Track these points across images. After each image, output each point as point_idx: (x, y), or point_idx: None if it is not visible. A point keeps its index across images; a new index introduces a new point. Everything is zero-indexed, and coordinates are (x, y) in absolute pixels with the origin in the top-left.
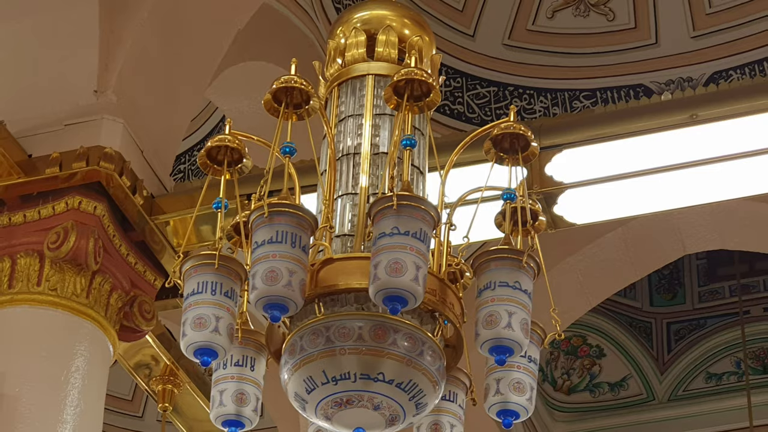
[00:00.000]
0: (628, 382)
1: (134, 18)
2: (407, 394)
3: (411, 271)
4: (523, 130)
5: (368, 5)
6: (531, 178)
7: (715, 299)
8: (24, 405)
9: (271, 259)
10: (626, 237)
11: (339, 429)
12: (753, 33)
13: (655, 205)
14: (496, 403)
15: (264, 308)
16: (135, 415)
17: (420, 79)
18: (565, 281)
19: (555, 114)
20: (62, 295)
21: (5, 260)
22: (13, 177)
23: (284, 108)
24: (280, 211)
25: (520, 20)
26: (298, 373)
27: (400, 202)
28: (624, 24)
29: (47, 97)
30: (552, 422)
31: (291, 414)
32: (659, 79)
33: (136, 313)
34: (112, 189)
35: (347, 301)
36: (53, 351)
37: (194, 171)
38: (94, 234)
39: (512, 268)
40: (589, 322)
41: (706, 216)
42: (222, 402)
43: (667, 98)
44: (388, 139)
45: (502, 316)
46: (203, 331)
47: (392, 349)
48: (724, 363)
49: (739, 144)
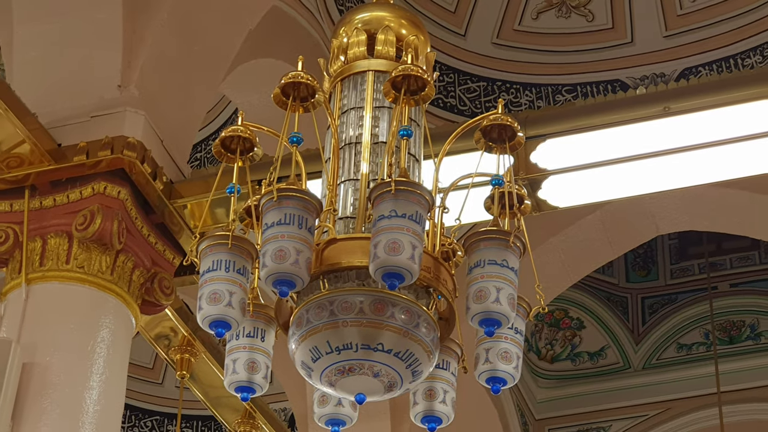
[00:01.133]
0: (606, 351)
1: (154, 19)
2: (404, 363)
3: (408, 250)
4: (510, 121)
5: (368, 7)
6: (517, 166)
7: (686, 276)
8: (54, 373)
9: (279, 239)
10: (604, 219)
11: (342, 395)
12: (720, 33)
13: (630, 189)
14: (485, 371)
15: (273, 284)
16: (155, 382)
17: (416, 75)
18: (548, 260)
19: (539, 107)
20: (89, 273)
21: (37, 240)
22: (44, 164)
23: (292, 101)
24: (288, 196)
25: (508, 21)
26: (305, 344)
27: (397, 187)
28: (602, 24)
29: (75, 91)
30: (536, 388)
31: (298, 381)
32: (634, 75)
33: (156, 288)
34: (135, 175)
35: (349, 277)
36: (81, 323)
37: (209, 159)
38: (118, 216)
39: (500, 247)
40: (570, 297)
41: (677, 200)
42: (235, 370)
43: (641, 92)
44: (387, 130)
45: (491, 292)
46: (218, 305)
47: (390, 321)
48: (693, 334)
49: (707, 134)
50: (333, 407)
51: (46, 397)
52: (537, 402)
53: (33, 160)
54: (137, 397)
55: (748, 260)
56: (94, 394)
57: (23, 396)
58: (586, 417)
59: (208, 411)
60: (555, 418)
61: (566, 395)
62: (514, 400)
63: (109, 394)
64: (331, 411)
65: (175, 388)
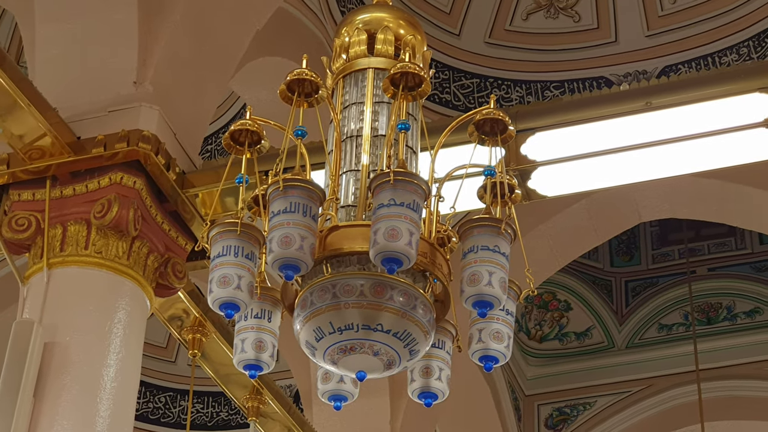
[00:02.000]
0: (592, 331)
1: (168, 20)
2: (402, 342)
3: (405, 236)
4: (502, 116)
5: (369, 8)
6: (508, 157)
7: (666, 261)
8: (74, 352)
9: (285, 226)
10: (590, 207)
11: (344, 372)
12: (699, 32)
13: (614, 179)
14: (478, 350)
15: (279, 268)
16: (169, 360)
17: (413, 72)
18: (537, 245)
19: (529, 102)
20: (106, 258)
21: (57, 227)
22: (64, 156)
23: (297, 97)
24: (293, 185)
25: (499, 21)
26: (309, 324)
27: (396, 177)
28: (588, 25)
29: (93, 87)
30: (526, 366)
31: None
32: (618, 72)
33: (169, 272)
34: (149, 166)
35: (351, 262)
36: (99, 305)
37: (219, 151)
38: (133, 205)
39: (492, 234)
40: (558, 281)
41: (658, 189)
42: (243, 349)
43: (625, 89)
44: (386, 124)
45: (484, 275)
46: (227, 288)
47: (389, 303)
48: (673, 315)
49: (687, 128)
50: (335, 384)
51: (67, 374)
52: (527, 379)
53: (54, 152)
54: (152, 374)
55: (725, 246)
56: (111, 372)
57: (45, 373)
58: (573, 393)
59: (219, 387)
60: (544, 394)
61: (554, 373)
62: (505, 378)
63: (126, 372)
64: (334, 387)
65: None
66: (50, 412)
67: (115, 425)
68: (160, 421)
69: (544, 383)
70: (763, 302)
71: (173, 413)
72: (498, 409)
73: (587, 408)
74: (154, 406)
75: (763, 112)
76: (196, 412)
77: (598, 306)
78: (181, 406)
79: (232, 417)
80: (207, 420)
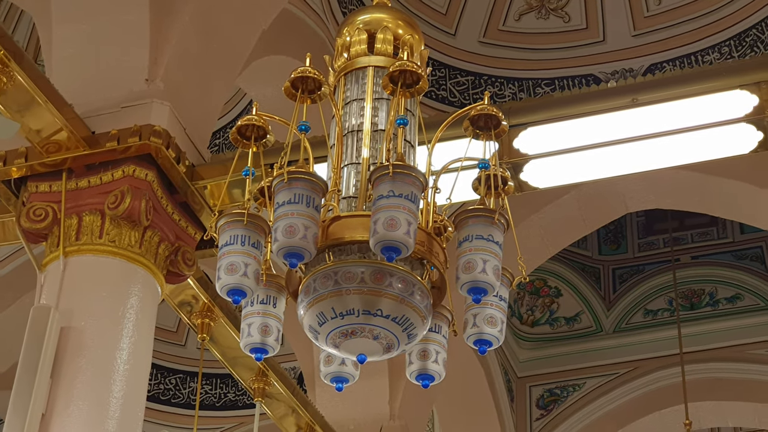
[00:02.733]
0: (581, 316)
1: (178, 21)
2: (401, 327)
3: (404, 226)
4: (495, 111)
5: (369, 10)
6: (501, 151)
7: (652, 249)
8: (88, 336)
9: (290, 216)
10: (579, 198)
11: (345, 355)
12: (682, 32)
13: (602, 172)
14: (473, 334)
15: (284, 257)
16: (179, 344)
17: (411, 70)
18: (529, 234)
19: (521, 98)
20: (119, 246)
21: (73, 217)
22: (79, 150)
23: (300, 93)
24: (297, 178)
25: (493, 22)
26: (312, 310)
27: (395, 170)
28: (577, 25)
29: (107, 84)
30: (519, 349)
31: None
32: (606, 70)
33: (179, 260)
34: (160, 159)
35: (352, 250)
36: (112, 291)
37: (227, 145)
38: (145, 196)
39: (486, 223)
40: (548, 268)
41: (644, 181)
42: (250, 333)
43: (612, 86)
44: (385, 119)
45: (478, 263)
46: (234, 275)
47: (389, 289)
48: (658, 301)
49: (671, 123)
50: (337, 366)
51: (82, 357)
52: (519, 362)
53: (70, 146)
54: (163, 357)
55: (708, 235)
56: (124, 355)
57: (61, 356)
58: (563, 375)
59: (226, 370)
60: (535, 375)
61: (545, 356)
62: (498, 360)
63: (138, 355)
64: (336, 369)
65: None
66: (66, 392)
67: (128, 405)
68: (171, 402)
69: (535, 366)
70: (743, 289)
71: (183, 394)
72: (492, 390)
73: (576, 389)
74: (165, 387)
75: (744, 108)
76: (204, 393)
77: (586, 292)
78: (191, 388)
79: (239, 398)
80: (215, 400)
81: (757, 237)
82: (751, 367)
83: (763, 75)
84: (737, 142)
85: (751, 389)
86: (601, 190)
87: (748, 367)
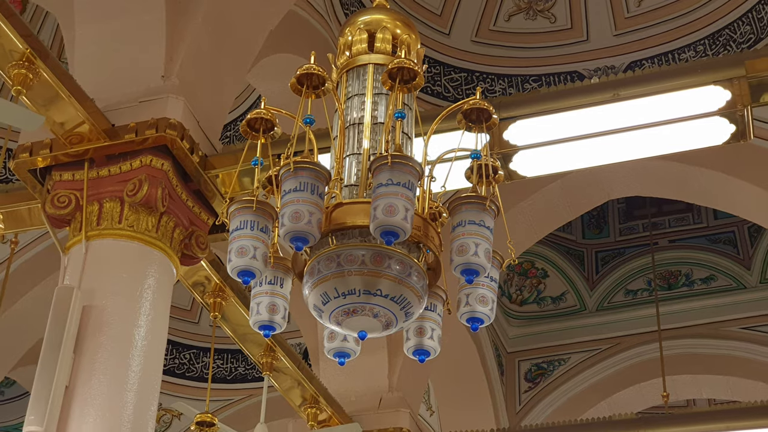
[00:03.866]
0: (566, 296)
1: (192, 21)
2: (399, 306)
3: (401, 212)
4: (486, 105)
5: (369, 11)
6: (492, 142)
7: (632, 234)
8: (109, 313)
9: (295, 203)
10: (564, 186)
11: (347, 332)
12: (661, 32)
13: (586, 162)
14: (465, 312)
15: (290, 240)
16: (192, 321)
17: (408, 67)
18: (518, 220)
19: (511, 93)
20: (137, 231)
21: (94, 204)
22: (100, 141)
23: (305, 89)
24: (302, 167)
25: (485, 22)
26: (316, 290)
27: (393, 160)
28: (562, 25)
29: (126, 80)
30: (508, 327)
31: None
32: (589, 67)
33: (193, 244)
34: (176, 150)
35: (353, 235)
36: (131, 273)
37: (237, 136)
38: (161, 184)
39: (478, 210)
40: (536, 251)
41: (625, 170)
42: (258, 311)
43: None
44: (384, 113)
45: (471, 247)
46: (244, 258)
47: (387, 271)
48: (638, 282)
49: (650, 116)
50: (340, 342)
51: (102, 334)
52: (509, 338)
53: (91, 137)
54: (177, 334)
55: (684, 221)
56: (142, 332)
57: (83, 333)
58: (550, 350)
59: (237, 345)
60: (523, 351)
61: (533, 332)
62: (489, 337)
63: (154, 332)
64: (338, 345)
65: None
66: (88, 367)
67: (145, 379)
68: (185, 375)
69: (524, 342)
70: (717, 270)
71: (196, 368)
72: (483, 365)
73: (562, 364)
74: (180, 362)
75: (717, 103)
76: (216, 368)
77: (571, 273)
78: (203, 362)
79: (249, 372)
80: (226, 374)
81: (729, 222)
82: (724, 343)
83: (735, 72)
84: (711, 134)
85: (724, 363)
86: (585, 178)
87: (722, 343)
